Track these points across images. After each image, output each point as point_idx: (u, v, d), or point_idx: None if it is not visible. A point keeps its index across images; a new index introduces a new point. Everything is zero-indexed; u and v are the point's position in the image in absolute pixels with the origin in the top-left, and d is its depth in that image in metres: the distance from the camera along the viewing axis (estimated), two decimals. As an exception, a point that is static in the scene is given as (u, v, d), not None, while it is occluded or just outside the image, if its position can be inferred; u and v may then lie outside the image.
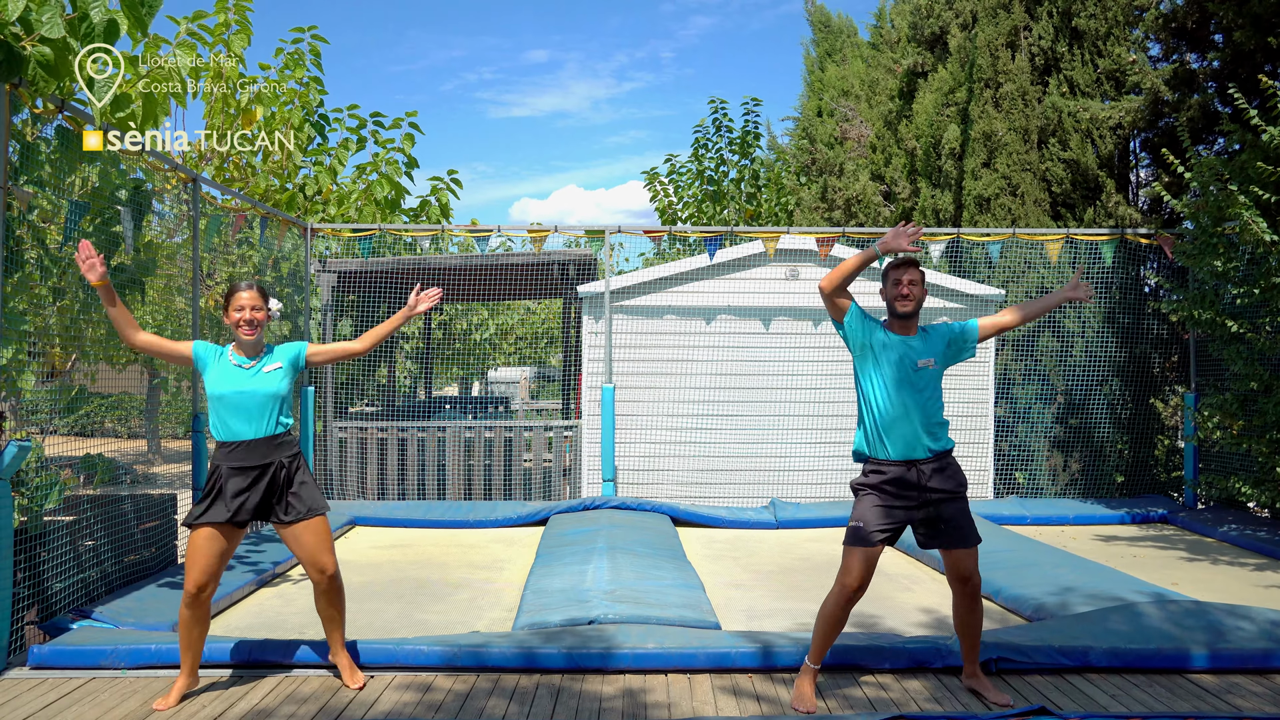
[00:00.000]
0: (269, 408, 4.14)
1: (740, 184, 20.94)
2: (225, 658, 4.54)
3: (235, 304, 4.15)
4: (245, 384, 4.12)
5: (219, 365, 4.16)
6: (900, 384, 4.01)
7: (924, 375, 4.04)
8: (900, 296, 4.08)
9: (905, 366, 4.03)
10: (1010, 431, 10.08)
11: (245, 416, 4.11)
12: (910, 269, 4.09)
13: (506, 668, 4.50)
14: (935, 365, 4.08)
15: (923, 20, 13.45)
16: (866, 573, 3.97)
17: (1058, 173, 10.81)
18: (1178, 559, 7.54)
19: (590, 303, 9.76)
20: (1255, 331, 7.73)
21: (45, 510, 5.09)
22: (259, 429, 4.12)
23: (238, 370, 4.15)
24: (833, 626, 4.05)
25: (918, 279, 4.09)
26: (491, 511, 8.96)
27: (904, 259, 4.14)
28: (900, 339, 4.09)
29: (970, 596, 4.09)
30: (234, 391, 4.10)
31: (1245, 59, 9.42)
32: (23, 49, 4.63)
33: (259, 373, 4.15)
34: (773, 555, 7.62)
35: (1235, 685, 4.35)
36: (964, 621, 4.16)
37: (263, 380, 4.14)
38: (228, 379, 4.12)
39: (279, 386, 4.17)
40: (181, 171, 6.98)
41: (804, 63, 18.79)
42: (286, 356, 4.23)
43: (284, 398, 4.20)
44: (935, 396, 4.07)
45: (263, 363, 4.18)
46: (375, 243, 9.95)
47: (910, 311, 4.08)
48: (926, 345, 4.11)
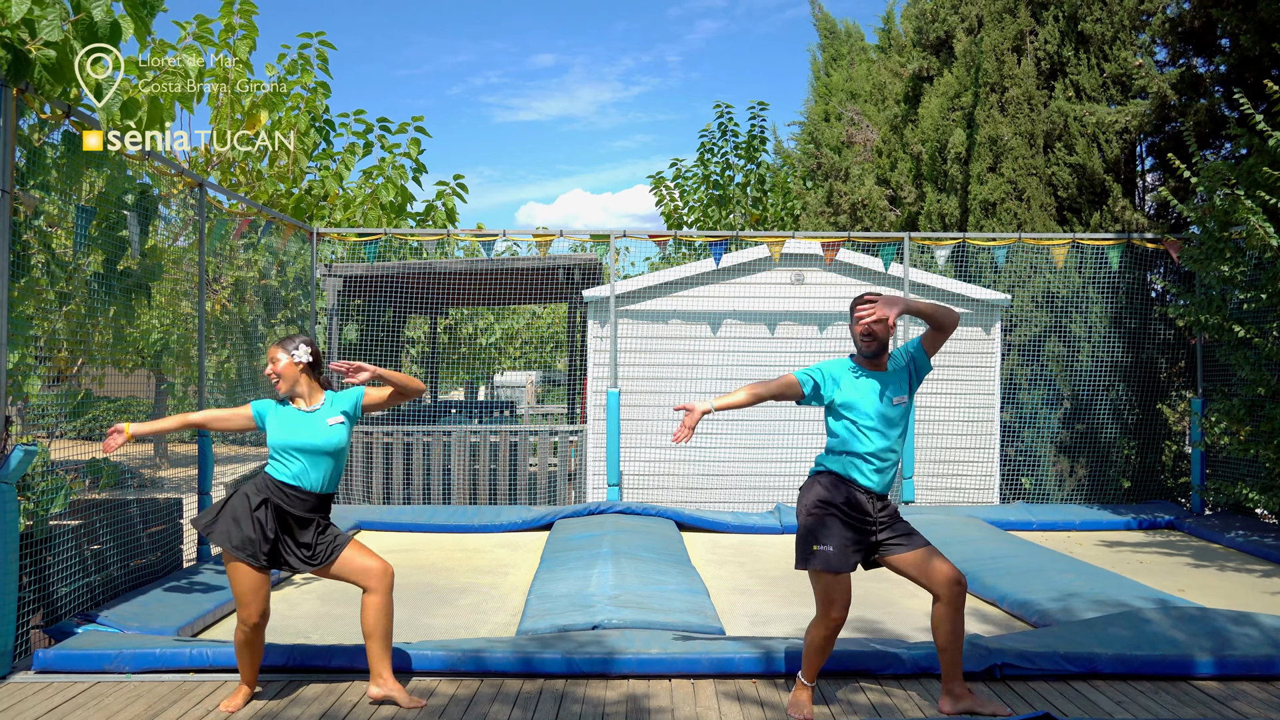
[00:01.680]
0: (332, 459, 4.08)
1: (746, 188, 20.95)
2: (230, 662, 4.54)
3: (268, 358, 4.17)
4: (309, 431, 4.05)
5: (280, 414, 4.09)
6: (876, 421, 3.94)
7: (898, 411, 3.98)
8: (864, 335, 3.95)
9: (881, 404, 3.95)
10: (1016, 437, 10.05)
11: (312, 463, 4.04)
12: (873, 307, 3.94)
13: (510, 673, 4.50)
14: (905, 401, 4.01)
15: (928, 25, 13.45)
16: (848, 597, 3.90)
17: (1064, 177, 10.79)
18: (1184, 565, 7.51)
19: (595, 307, 9.76)
20: (1262, 336, 7.70)
21: (51, 514, 5.11)
22: (318, 482, 4.06)
23: (301, 416, 4.08)
24: (822, 652, 4.00)
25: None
26: (496, 516, 8.97)
27: (868, 294, 3.99)
28: (870, 376, 3.99)
29: (961, 598, 3.92)
30: (302, 434, 4.03)
31: (1252, 64, 9.39)
32: (28, 52, 4.65)
33: (322, 422, 4.08)
34: (778, 560, 7.61)
35: (1241, 692, 4.33)
36: (956, 631, 3.95)
37: (326, 431, 4.06)
38: (294, 426, 4.05)
39: (341, 439, 4.09)
40: (187, 176, 7.00)
41: (810, 67, 18.81)
42: (345, 406, 4.14)
43: (345, 450, 4.13)
44: (903, 432, 4.03)
45: (324, 413, 4.11)
46: (381, 247, 9.97)
47: (876, 350, 3.97)
48: (896, 381, 4.01)
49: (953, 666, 4.01)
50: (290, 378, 4.10)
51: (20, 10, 4.45)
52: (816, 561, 3.86)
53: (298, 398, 4.14)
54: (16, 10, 4.44)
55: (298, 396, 4.13)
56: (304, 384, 4.12)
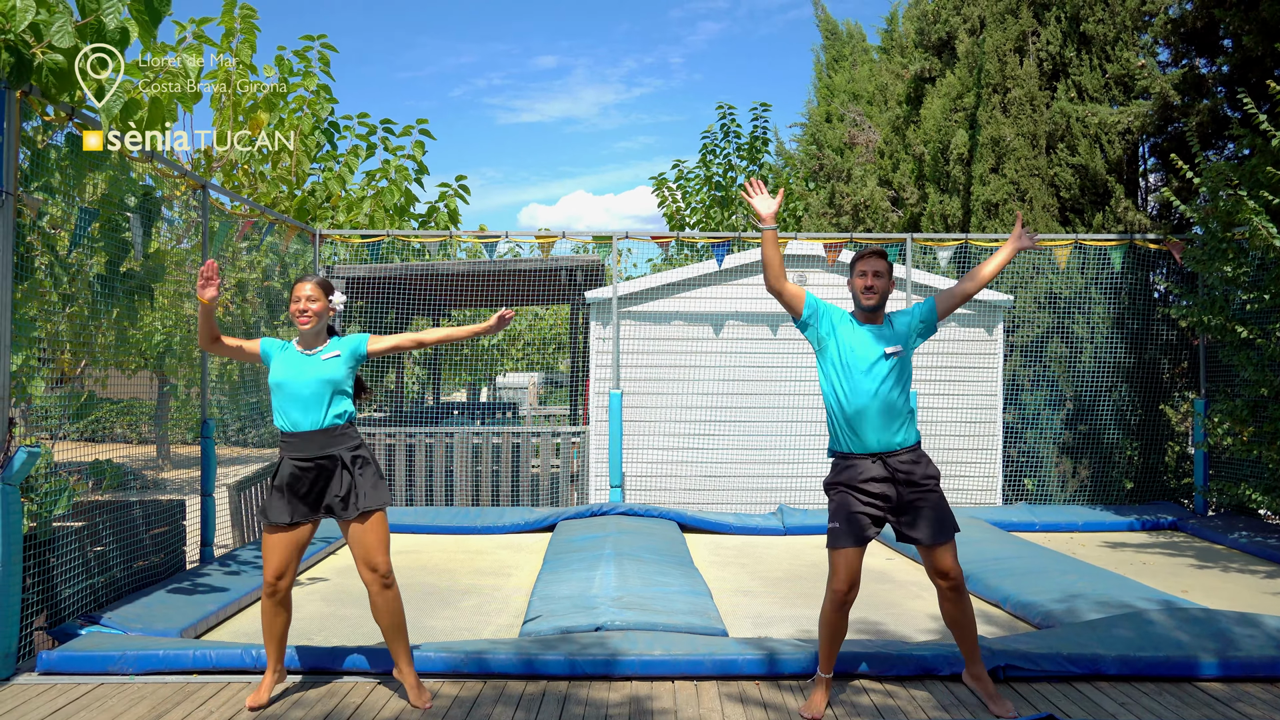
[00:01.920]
0: (323, 395, 4.09)
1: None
2: (233, 663, 4.55)
3: (294, 295, 4.18)
4: (300, 370, 4.10)
5: (281, 356, 4.18)
6: (865, 374, 3.97)
7: (892, 363, 3.99)
8: (865, 289, 4.04)
9: (873, 357, 3.98)
10: (1019, 437, 10.05)
11: (301, 405, 4.08)
12: (875, 259, 4.05)
13: (512, 674, 4.50)
14: (902, 353, 4.03)
15: (930, 26, 13.45)
16: (852, 573, 3.96)
17: (1066, 178, 10.79)
18: (1187, 566, 7.50)
19: (598, 308, 9.77)
20: (1265, 337, 7.69)
21: (54, 516, 5.11)
22: (315, 419, 4.08)
23: (295, 357, 4.15)
24: (834, 633, 4.04)
25: (883, 270, 4.05)
26: (499, 518, 8.97)
27: (870, 249, 4.10)
28: (866, 329, 4.06)
29: (954, 591, 4.00)
30: (289, 379, 4.09)
31: (1254, 64, 9.39)
32: (33, 56, 4.66)
33: (316, 359, 4.13)
34: (781, 562, 7.61)
35: (1245, 694, 4.32)
36: (953, 619, 4.07)
37: (318, 366, 4.11)
38: (285, 366, 4.12)
39: (333, 373, 4.11)
40: (190, 178, 7.01)
41: (813, 69, 18.82)
42: (346, 346, 4.19)
43: (339, 385, 4.14)
44: (903, 385, 4.03)
45: (321, 350, 4.17)
46: (384, 249, 9.97)
47: (876, 304, 4.04)
48: (893, 333, 4.06)
49: (967, 648, 4.15)
50: (321, 320, 4.16)
51: (26, 17, 4.46)
52: (828, 540, 4.05)
53: (300, 342, 4.19)
54: (22, 17, 4.45)
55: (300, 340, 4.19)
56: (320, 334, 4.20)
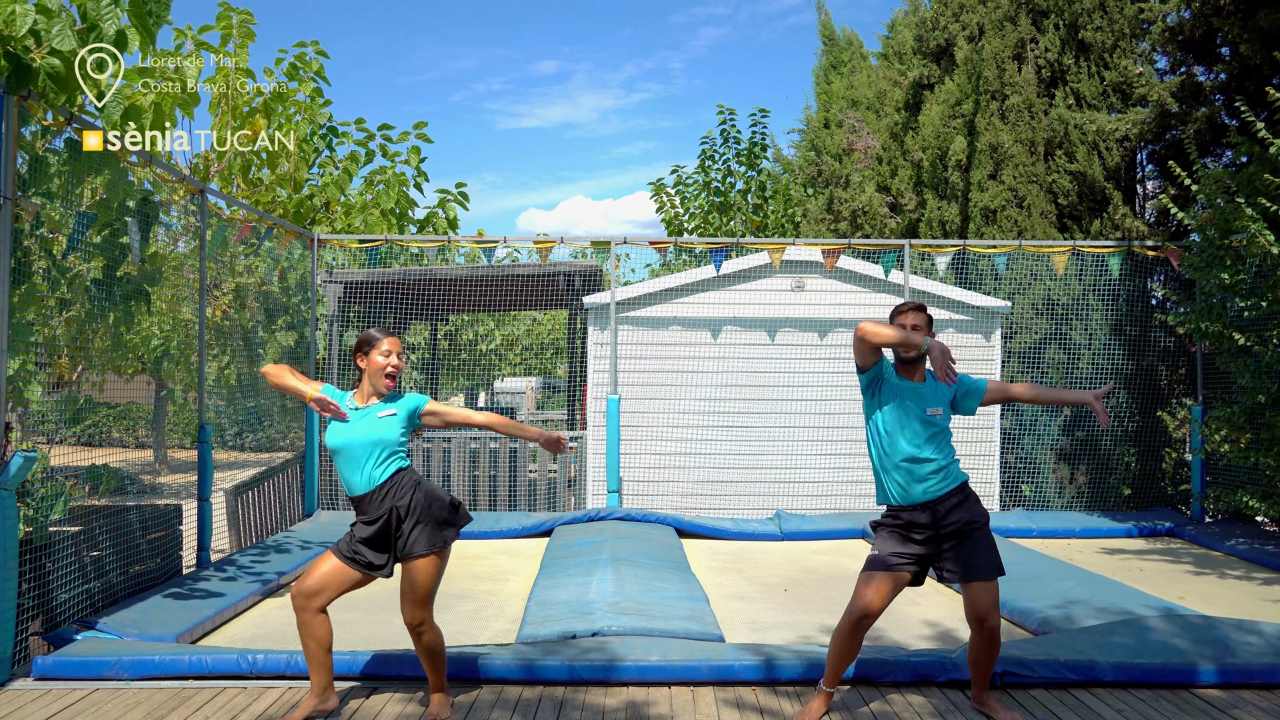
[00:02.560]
0: (371, 453, 3.90)
1: (747, 195, 20.98)
2: (229, 668, 4.54)
3: (380, 349, 3.96)
4: (356, 431, 3.92)
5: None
6: (910, 430, 3.98)
7: (933, 421, 4.01)
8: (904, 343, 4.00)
9: (915, 412, 3.99)
10: (1016, 444, 10.05)
11: (355, 466, 3.91)
12: (915, 313, 4.08)
13: (509, 679, 4.49)
14: (943, 416, 4.04)
15: (929, 33, 13.48)
16: (877, 598, 3.91)
17: (1064, 185, 10.80)
18: (1185, 573, 7.50)
19: (596, 314, 9.77)
20: (1263, 344, 7.70)
21: (51, 521, 5.10)
22: (363, 481, 3.91)
23: (351, 413, 3.95)
24: (845, 655, 4.02)
25: (922, 324, 4.06)
26: (496, 523, 8.96)
27: (910, 303, 4.12)
28: (910, 385, 4.05)
29: (989, 637, 3.98)
30: (346, 442, 3.92)
31: (1252, 72, 9.41)
32: (32, 61, 4.66)
33: (373, 417, 3.94)
34: (777, 567, 7.60)
35: (1242, 700, 4.32)
36: (977, 660, 4.09)
37: (373, 424, 3.92)
38: (342, 430, 3.94)
39: (387, 433, 3.92)
40: (189, 183, 7.01)
41: (812, 75, 18.85)
42: (404, 407, 3.98)
43: (388, 446, 3.93)
44: (943, 442, 4.04)
45: (377, 406, 3.97)
46: (382, 253, 9.98)
47: (915, 357, 4.03)
48: (935, 393, 4.06)
49: (980, 680, 4.18)
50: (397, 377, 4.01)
51: (26, 22, 4.46)
52: (864, 565, 4.02)
53: (359, 394, 4.02)
54: (21, 23, 4.45)
55: (359, 393, 4.02)
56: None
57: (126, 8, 4.82)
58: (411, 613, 3.97)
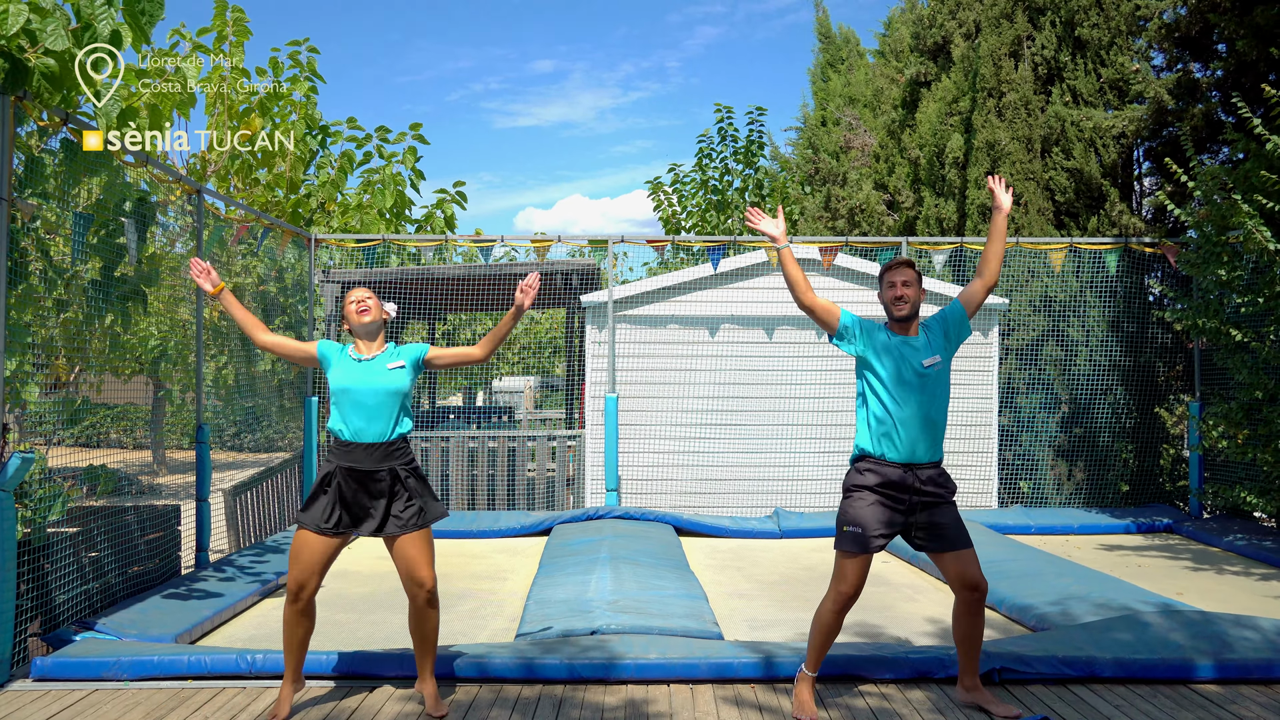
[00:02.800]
0: (390, 407, 4.05)
1: (744, 193, 20.98)
2: (228, 668, 4.54)
3: (349, 298, 4.17)
4: (365, 376, 4.06)
5: (341, 360, 4.13)
6: (904, 386, 3.96)
7: (929, 375, 3.99)
8: (896, 299, 4.03)
9: (909, 368, 3.97)
10: (1014, 440, 10.06)
11: (366, 414, 4.02)
12: (905, 270, 4.06)
13: (509, 678, 4.49)
14: (941, 362, 4.02)
15: (925, 30, 13.48)
16: (862, 578, 3.96)
17: (1061, 182, 10.81)
18: (1183, 569, 7.51)
19: (593, 312, 9.77)
20: (1259, 340, 7.71)
21: (49, 521, 5.10)
22: (380, 431, 4.03)
23: (358, 363, 4.10)
24: (829, 634, 4.03)
25: (912, 279, 4.05)
26: (495, 522, 8.96)
27: (898, 260, 4.10)
28: (901, 340, 4.04)
29: (978, 604, 4.00)
30: (354, 384, 4.04)
31: (1248, 68, 9.42)
32: (26, 60, 4.66)
33: (381, 368, 4.09)
34: (776, 565, 7.61)
35: (1240, 695, 4.33)
36: (967, 633, 4.06)
37: (385, 375, 4.07)
38: (348, 372, 4.08)
39: (401, 383, 4.08)
40: (185, 183, 7.01)
41: (809, 73, 18.85)
42: (409, 356, 4.16)
43: (405, 396, 4.11)
44: (941, 397, 4.02)
45: (384, 358, 4.12)
46: (379, 253, 9.97)
47: (908, 314, 4.04)
48: (929, 343, 4.05)
49: (968, 661, 4.13)
50: (377, 317, 4.15)
51: (18, 21, 4.46)
52: (838, 542, 4.00)
53: (359, 345, 4.16)
54: (14, 21, 4.45)
55: (359, 344, 4.16)
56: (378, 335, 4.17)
57: (120, 7, 4.82)
58: (429, 575, 4.06)
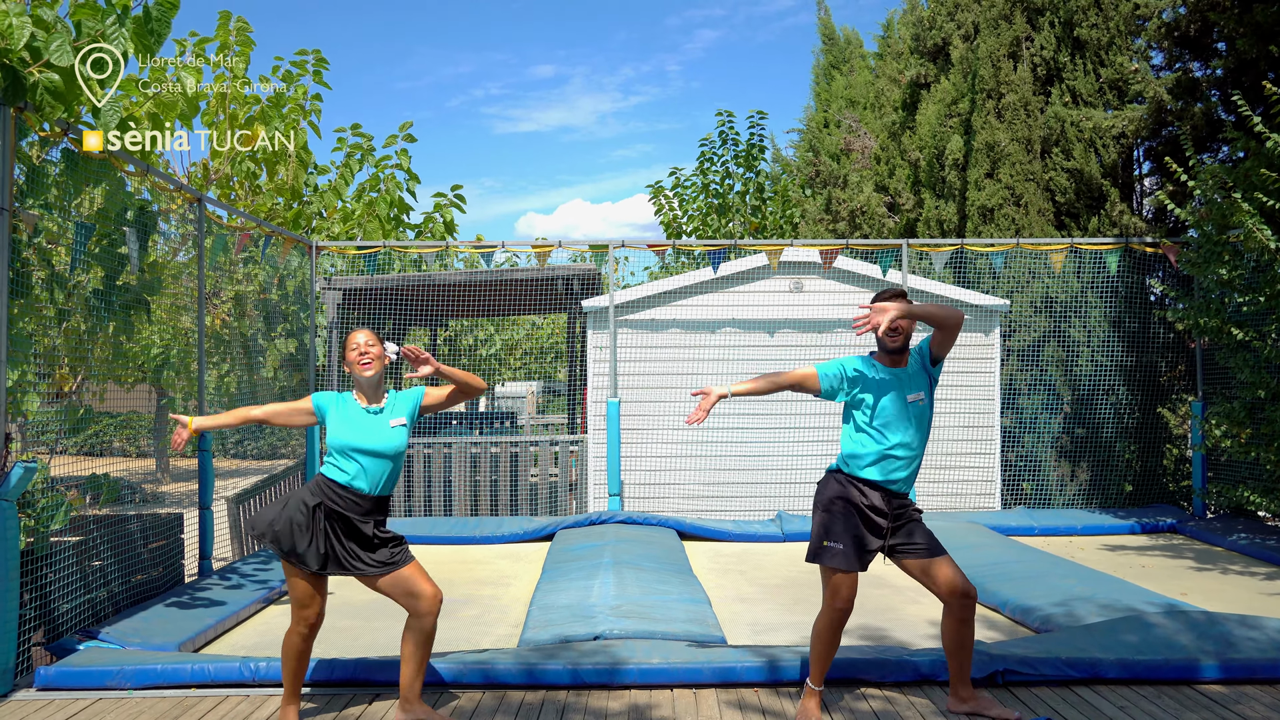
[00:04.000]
0: (390, 464, 3.99)
1: (745, 197, 20.99)
2: (231, 677, 4.54)
3: (350, 344, 4.07)
4: (370, 432, 3.96)
5: (342, 412, 4.01)
6: (895, 418, 3.97)
7: (915, 408, 4.01)
8: (890, 332, 3.99)
9: (899, 400, 3.98)
10: (1017, 442, 10.05)
11: (368, 467, 3.94)
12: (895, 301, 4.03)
13: (512, 684, 4.49)
14: (924, 399, 4.04)
15: (925, 32, 13.49)
16: (853, 594, 3.96)
17: (1061, 182, 10.81)
18: (1187, 569, 7.50)
19: (595, 317, 9.78)
20: (1261, 339, 7.70)
21: (52, 531, 5.11)
22: (375, 485, 3.97)
23: (360, 414, 4.00)
24: (830, 648, 4.03)
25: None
26: (498, 527, 8.96)
27: (891, 290, 4.10)
28: (891, 373, 4.03)
29: (970, 609, 3.99)
30: (360, 441, 3.94)
31: (1248, 67, 9.41)
32: (29, 75, 4.68)
33: (384, 425, 4.00)
34: (779, 568, 7.60)
35: (1245, 695, 4.32)
36: (961, 641, 4.03)
37: (387, 434, 3.99)
38: (351, 427, 3.97)
39: (402, 442, 4.02)
40: (187, 191, 7.03)
41: (812, 74, 18.85)
42: (408, 409, 4.07)
43: (402, 455, 4.05)
44: (924, 429, 4.04)
45: (387, 415, 4.03)
46: (380, 260, 9.99)
47: (900, 346, 4.02)
48: (915, 379, 4.05)
49: (959, 670, 4.10)
50: (379, 367, 4.06)
51: (23, 37, 4.48)
52: (825, 558, 3.95)
53: (360, 394, 4.07)
54: (19, 36, 4.47)
55: (360, 393, 4.07)
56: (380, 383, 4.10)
57: (129, 29, 4.83)
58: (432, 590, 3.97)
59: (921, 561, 3.99)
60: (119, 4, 4.86)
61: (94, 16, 4.79)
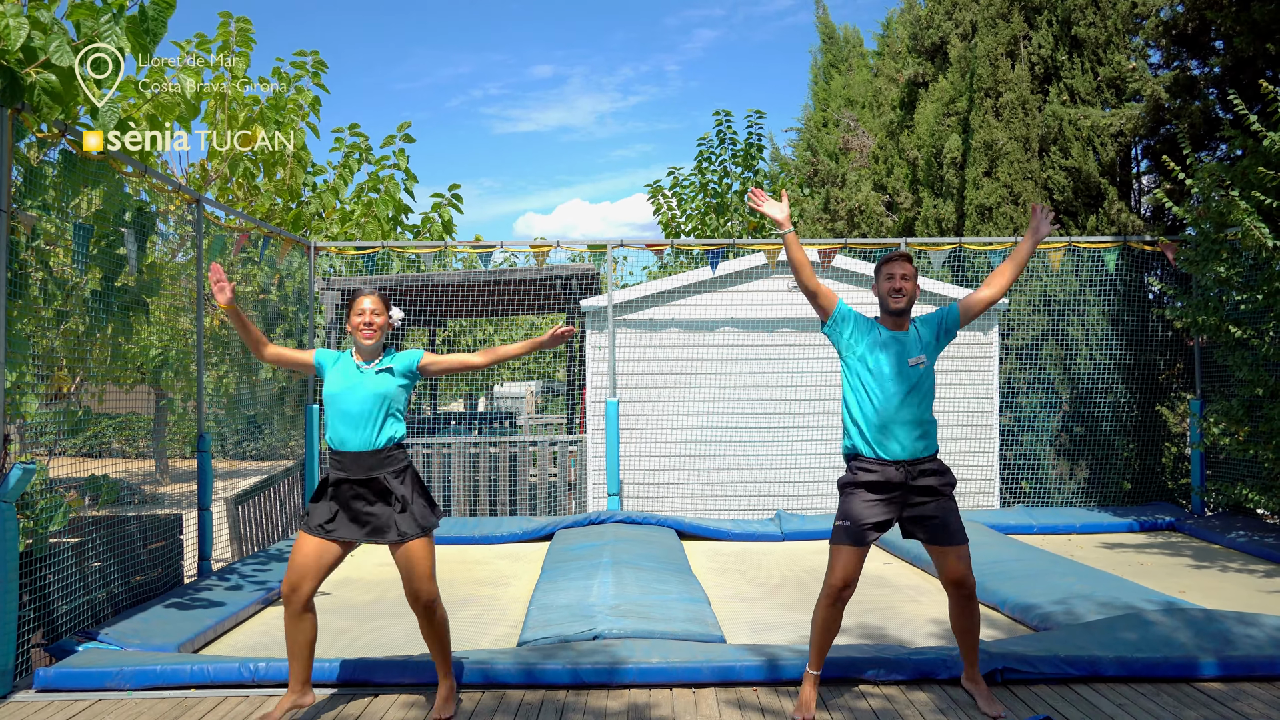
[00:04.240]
0: (374, 413, 3.99)
1: (743, 196, 20.99)
2: (231, 678, 4.54)
3: (356, 309, 4.10)
4: (353, 384, 4.02)
5: (336, 368, 4.09)
6: (893, 381, 3.97)
7: (916, 372, 3.99)
8: (893, 291, 4.02)
9: (900, 364, 3.98)
10: (1016, 440, 10.05)
11: (350, 422, 3.98)
12: (902, 263, 4.05)
13: (511, 684, 4.49)
14: (926, 363, 4.03)
15: (923, 30, 13.49)
16: (852, 570, 3.95)
17: (1059, 181, 10.82)
18: (1185, 567, 7.51)
19: (593, 317, 9.78)
20: (1259, 337, 7.71)
21: (50, 532, 5.11)
22: (364, 439, 3.97)
23: (351, 370, 4.06)
24: (826, 630, 4.04)
25: (910, 273, 4.05)
26: (497, 527, 8.96)
27: (896, 253, 4.11)
28: (893, 335, 4.05)
29: (967, 599, 4.05)
30: (341, 391, 4.01)
31: (1246, 65, 9.42)
32: (26, 75, 4.67)
33: (369, 374, 4.04)
34: (778, 567, 7.61)
35: (1244, 693, 4.33)
36: (963, 626, 4.13)
37: (370, 380, 4.02)
38: (339, 379, 4.05)
39: (385, 388, 4.02)
40: (185, 192, 7.02)
41: (810, 73, 18.85)
42: (400, 361, 4.10)
43: (390, 401, 4.03)
44: (927, 394, 4.03)
45: (376, 365, 4.09)
46: (379, 260, 9.98)
47: (903, 307, 4.04)
48: (918, 342, 4.06)
49: (967, 651, 4.22)
50: (383, 334, 4.11)
51: (19, 37, 4.48)
52: (834, 535, 4.03)
53: (358, 353, 4.11)
54: (16, 37, 4.46)
55: (359, 352, 4.11)
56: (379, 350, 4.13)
57: (124, 26, 4.83)
58: (426, 588, 4.02)
59: (929, 545, 4.06)
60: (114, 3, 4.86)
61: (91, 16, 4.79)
